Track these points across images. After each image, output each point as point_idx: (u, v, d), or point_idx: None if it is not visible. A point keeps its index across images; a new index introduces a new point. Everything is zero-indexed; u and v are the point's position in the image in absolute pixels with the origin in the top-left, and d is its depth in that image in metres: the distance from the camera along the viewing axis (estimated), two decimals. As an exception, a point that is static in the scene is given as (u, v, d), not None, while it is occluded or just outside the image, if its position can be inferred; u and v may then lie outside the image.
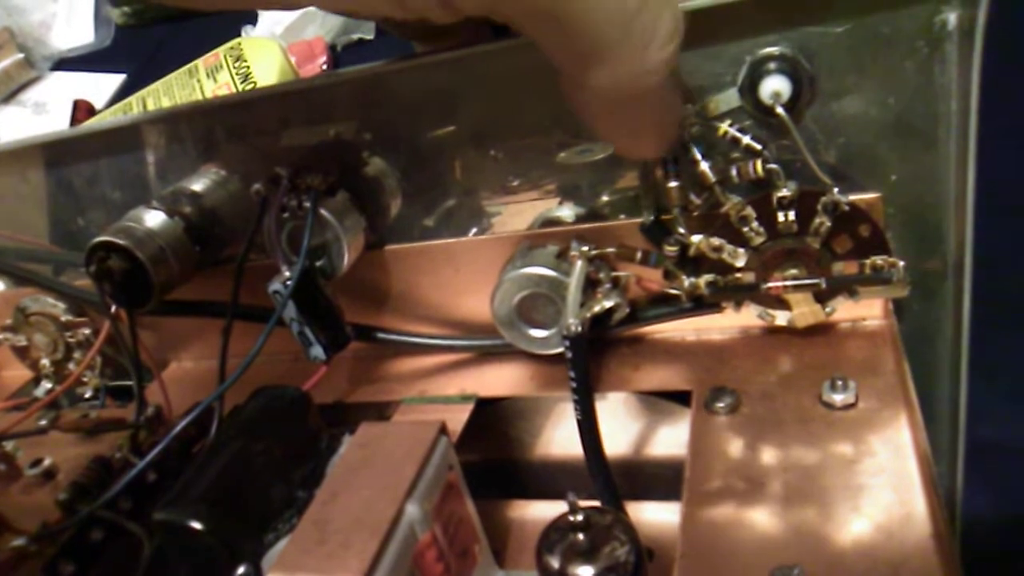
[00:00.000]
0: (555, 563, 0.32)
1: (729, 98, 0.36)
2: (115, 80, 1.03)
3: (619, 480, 0.39)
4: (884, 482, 0.31)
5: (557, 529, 0.33)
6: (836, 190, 0.35)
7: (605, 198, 0.42)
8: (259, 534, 0.35)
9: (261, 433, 0.38)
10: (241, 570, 0.34)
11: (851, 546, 0.29)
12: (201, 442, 0.42)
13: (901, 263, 0.35)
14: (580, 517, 0.31)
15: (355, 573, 0.31)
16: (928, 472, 0.30)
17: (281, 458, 0.37)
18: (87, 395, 0.54)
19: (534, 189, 0.43)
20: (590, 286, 0.39)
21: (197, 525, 0.33)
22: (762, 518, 0.31)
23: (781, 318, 0.39)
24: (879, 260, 0.36)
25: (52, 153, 0.50)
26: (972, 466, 0.45)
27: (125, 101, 0.91)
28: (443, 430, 0.37)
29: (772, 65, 0.34)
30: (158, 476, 0.41)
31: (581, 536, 0.32)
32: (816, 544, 0.29)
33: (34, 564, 0.37)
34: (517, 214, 0.44)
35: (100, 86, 1.03)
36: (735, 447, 0.34)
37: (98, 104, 1.00)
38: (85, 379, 0.54)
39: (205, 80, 0.88)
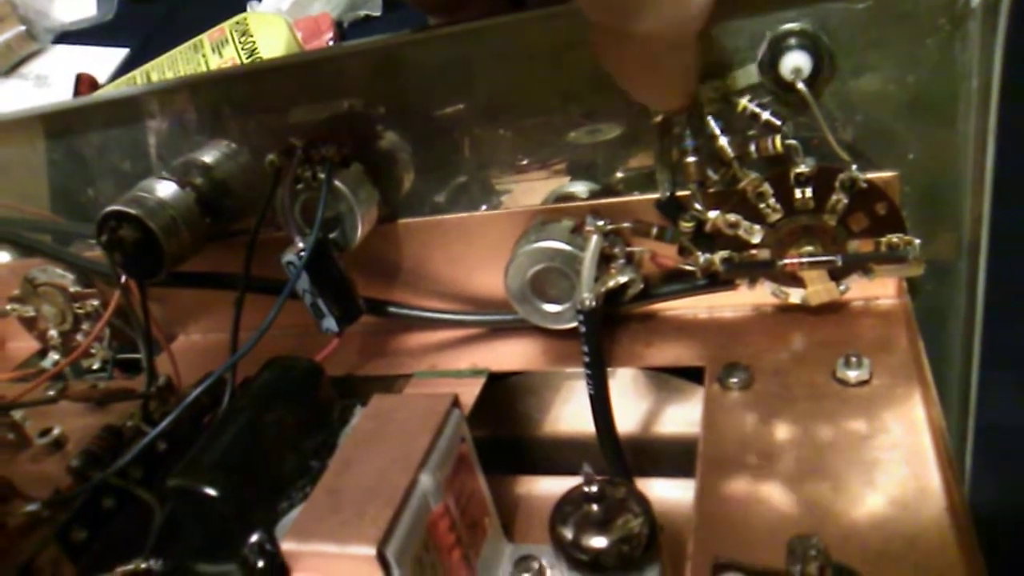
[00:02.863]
0: (568, 534, 0.32)
1: (749, 73, 0.36)
2: (118, 54, 1.03)
3: (628, 456, 0.39)
4: (898, 457, 0.31)
5: (571, 500, 0.33)
6: (854, 167, 0.35)
7: (619, 175, 0.42)
8: (272, 502, 0.35)
9: (274, 403, 0.38)
10: (254, 538, 0.34)
11: (866, 520, 0.29)
12: (212, 413, 0.42)
13: (917, 241, 0.35)
14: (594, 488, 0.32)
15: (370, 541, 0.31)
16: (943, 447, 0.30)
17: (294, 428, 0.37)
18: (95, 367, 0.54)
19: (544, 168, 0.43)
20: (604, 261, 0.39)
21: (211, 492, 0.33)
22: (776, 492, 0.31)
23: (795, 296, 0.39)
24: (895, 238, 0.36)
25: (62, 124, 0.50)
26: (981, 451, 0.45)
27: (129, 75, 0.90)
28: (456, 402, 0.37)
29: (793, 41, 0.34)
30: (169, 446, 0.41)
31: (595, 507, 0.32)
32: (831, 518, 0.29)
33: (46, 530, 0.37)
34: (528, 192, 0.44)
35: (103, 60, 1.03)
36: (749, 422, 0.35)
37: (101, 78, 0.99)
38: (93, 351, 0.54)
39: (210, 55, 0.88)
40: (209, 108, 0.46)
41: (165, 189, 0.44)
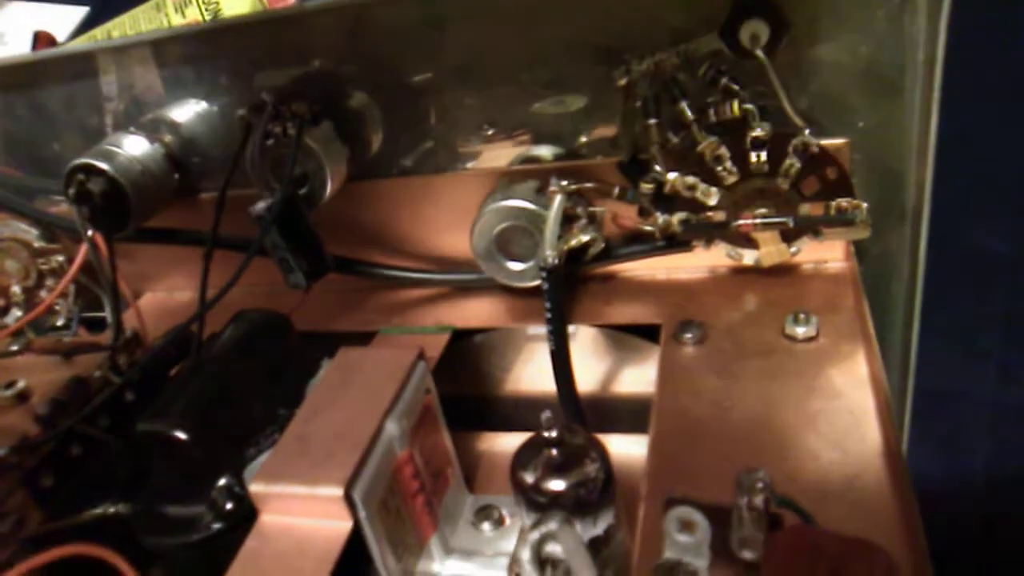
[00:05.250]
0: (529, 478, 0.34)
1: (709, 40, 0.37)
2: (78, 12, 1.01)
3: (586, 412, 0.41)
4: (841, 406, 0.33)
5: (532, 446, 0.34)
6: (807, 132, 0.36)
7: (583, 139, 0.43)
8: (240, 448, 0.36)
9: (242, 352, 0.38)
10: (223, 481, 0.35)
11: (810, 463, 0.31)
12: (179, 366, 0.43)
13: (865, 205, 0.37)
14: (554, 434, 0.33)
15: (337, 482, 0.32)
16: (883, 398, 0.32)
17: (262, 377, 0.38)
18: (59, 323, 0.54)
19: (510, 137, 0.44)
20: (567, 221, 0.41)
21: (181, 436, 0.34)
22: (726, 438, 0.33)
23: (748, 257, 0.40)
24: (844, 202, 0.37)
25: (19, 78, 0.50)
26: (919, 411, 0.47)
27: (89, 33, 0.88)
28: (421, 355, 0.38)
29: (752, 8, 0.36)
30: (136, 396, 0.42)
31: (554, 452, 0.33)
32: (777, 461, 0.31)
33: (13, 476, 0.38)
34: (494, 159, 0.45)
35: (62, 18, 1.01)
36: (702, 374, 0.36)
37: (60, 36, 0.97)
38: (57, 307, 0.54)
39: (173, 15, 0.86)
40: (178, 66, 0.46)
41: (134, 144, 0.44)
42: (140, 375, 0.40)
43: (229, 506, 0.34)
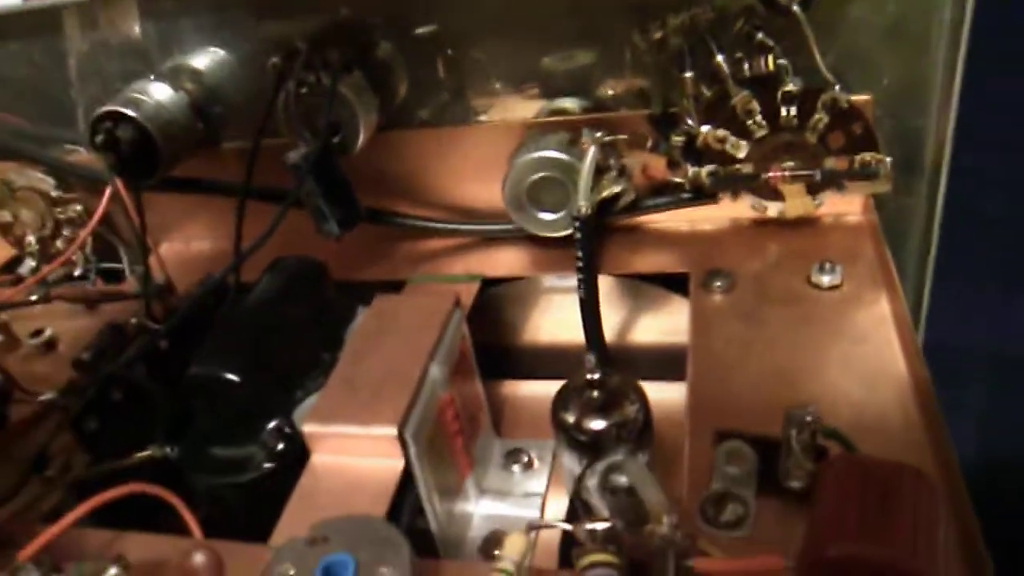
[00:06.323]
0: (570, 418, 0.35)
1: (744, -5, 0.38)
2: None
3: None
4: (869, 349, 0.34)
5: (573, 387, 0.36)
6: (838, 87, 0.37)
7: (610, 92, 0.44)
8: (288, 391, 0.37)
9: (284, 298, 0.39)
10: (274, 422, 0.36)
11: (841, 399, 0.32)
12: (212, 315, 0.43)
13: (888, 159, 0.38)
14: (596, 376, 0.34)
15: (390, 421, 0.33)
16: (908, 338, 0.34)
17: (304, 322, 0.39)
18: (76, 273, 0.54)
19: (534, 89, 0.45)
20: (597, 172, 0.41)
21: (233, 378, 0.35)
22: (760, 379, 0.34)
23: (773, 209, 0.42)
24: (868, 156, 0.39)
25: (43, 22, 0.49)
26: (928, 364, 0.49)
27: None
28: (457, 302, 0.39)
29: (786, -35, 0.37)
30: (170, 345, 0.42)
31: (595, 394, 0.35)
32: (809, 399, 0.32)
33: (57, 419, 0.38)
34: (520, 111, 0.46)
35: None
36: (732, 320, 0.38)
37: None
38: (73, 258, 0.53)
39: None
40: (197, 13, 0.46)
41: (160, 91, 0.44)
42: (178, 322, 0.40)
43: (280, 447, 0.35)
